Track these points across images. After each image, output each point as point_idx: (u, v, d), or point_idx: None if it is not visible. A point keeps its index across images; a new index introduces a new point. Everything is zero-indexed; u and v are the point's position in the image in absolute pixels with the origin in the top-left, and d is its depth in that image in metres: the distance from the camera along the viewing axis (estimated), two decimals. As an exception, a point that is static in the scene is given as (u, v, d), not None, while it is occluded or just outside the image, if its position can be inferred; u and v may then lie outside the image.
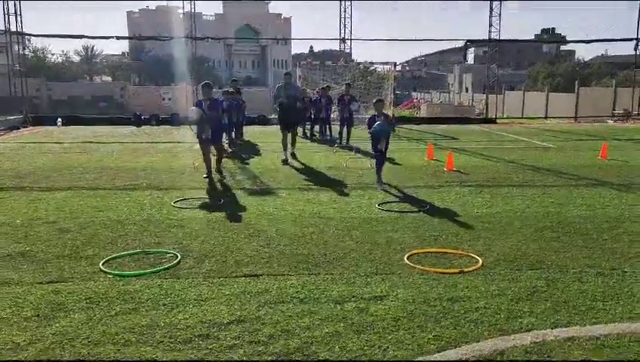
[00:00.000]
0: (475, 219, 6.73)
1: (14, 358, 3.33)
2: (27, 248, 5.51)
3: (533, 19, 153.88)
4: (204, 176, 9.43)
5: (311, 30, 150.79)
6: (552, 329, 3.75)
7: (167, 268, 4.92)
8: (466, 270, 4.87)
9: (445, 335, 3.65)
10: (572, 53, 79.70)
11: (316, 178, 9.74)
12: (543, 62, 61.55)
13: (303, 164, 11.44)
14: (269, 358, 3.34)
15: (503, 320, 3.90)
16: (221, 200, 7.77)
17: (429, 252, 5.42)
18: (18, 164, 11.28)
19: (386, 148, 9.00)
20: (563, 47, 75.64)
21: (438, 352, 3.43)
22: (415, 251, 5.40)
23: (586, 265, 5.06)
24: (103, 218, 6.78)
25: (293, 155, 11.93)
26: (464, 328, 3.76)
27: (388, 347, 3.48)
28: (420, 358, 3.35)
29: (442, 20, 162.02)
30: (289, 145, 11.87)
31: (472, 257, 5.21)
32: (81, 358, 3.34)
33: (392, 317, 3.91)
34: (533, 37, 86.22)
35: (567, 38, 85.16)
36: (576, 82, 31.83)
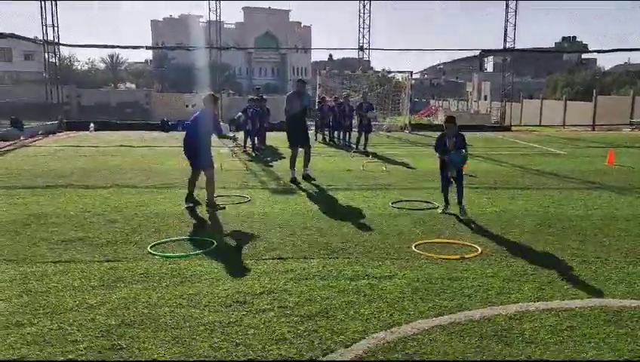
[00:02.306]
0: (479, 216, 7.39)
1: (90, 315, 4.12)
2: (83, 234, 6.36)
3: (554, 26, 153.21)
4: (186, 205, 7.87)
5: (331, 38, 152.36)
6: (534, 302, 4.42)
7: (206, 252, 5.69)
8: (465, 256, 5.56)
9: (443, 305, 4.34)
10: (594, 61, 79.33)
11: (335, 179, 10.47)
12: (561, 70, 61.58)
13: (322, 167, 12.18)
14: (295, 318, 4.07)
15: (493, 295, 4.58)
16: (249, 197, 8.55)
17: (434, 242, 6.12)
18: (61, 165, 12.26)
19: (460, 179, 7.44)
20: (584, 55, 75.41)
21: (436, 317, 4.13)
22: (422, 241, 6.10)
23: (574, 254, 5.70)
24: (144, 211, 7.61)
25: (308, 177, 10.33)
26: (459, 300, 4.45)
27: (394, 313, 4.19)
28: (420, 320, 4.06)
29: (460, 29, 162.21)
30: (298, 165, 10.32)
31: (473, 246, 5.89)
32: (143, 316, 4.11)
33: (399, 291, 4.62)
34: (553, 45, 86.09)
35: (589, 46, 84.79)
36: (594, 91, 32.16)
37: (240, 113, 15.41)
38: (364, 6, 26.11)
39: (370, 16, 26.24)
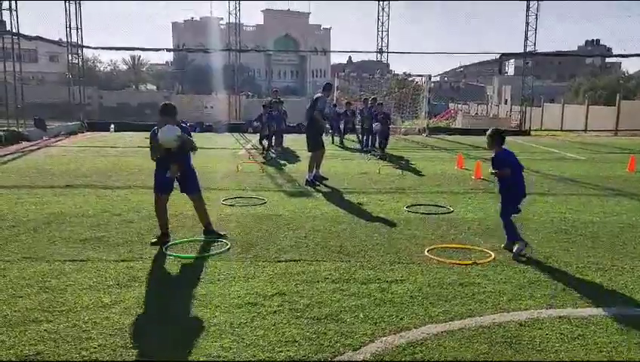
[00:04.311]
0: (494, 222, 7.30)
1: (104, 313, 4.21)
2: (101, 234, 6.48)
3: (579, 30, 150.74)
4: (152, 240, 6.10)
5: (350, 41, 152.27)
6: (546, 309, 4.39)
7: (220, 253, 5.76)
8: (478, 262, 5.53)
9: (453, 311, 4.33)
10: (618, 65, 77.88)
11: (350, 183, 10.49)
12: (584, 74, 60.62)
13: (338, 170, 12.20)
14: (305, 321, 4.10)
15: (505, 301, 4.55)
16: (265, 200, 8.61)
17: (447, 247, 6.10)
18: (81, 165, 12.51)
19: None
20: (609, 59, 74.21)
21: (446, 322, 4.12)
22: (435, 246, 6.08)
23: (590, 261, 5.63)
24: (161, 212, 7.70)
25: (321, 178, 10.50)
26: (470, 306, 4.44)
27: (403, 317, 4.20)
28: (427, 325, 4.05)
29: (480, 32, 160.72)
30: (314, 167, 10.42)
31: (486, 252, 5.86)
32: (156, 316, 4.18)
33: (409, 296, 4.63)
34: (576, 48, 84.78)
35: (613, 50, 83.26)
36: (618, 95, 31.57)
37: (256, 123, 15.47)
38: (382, 9, 26.09)
39: (388, 18, 26.20)
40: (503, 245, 6.05)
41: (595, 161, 14.68)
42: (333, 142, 18.71)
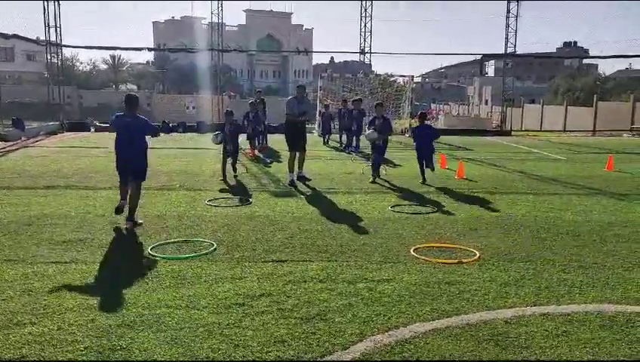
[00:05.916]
0: (478, 221, 7.43)
1: (90, 316, 4.15)
2: (84, 236, 6.40)
3: (557, 32, 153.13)
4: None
5: (332, 41, 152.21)
6: (531, 306, 4.46)
7: (206, 254, 5.73)
8: (464, 261, 5.59)
9: (440, 309, 4.38)
10: (595, 66, 79.36)
11: (335, 183, 10.51)
12: (563, 75, 61.64)
13: (323, 170, 12.22)
14: (294, 321, 4.11)
15: (490, 299, 4.61)
16: (249, 200, 8.59)
17: (433, 246, 6.16)
18: (62, 165, 12.32)
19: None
20: (586, 61, 75.61)
21: (433, 320, 4.16)
22: (421, 245, 6.14)
23: (572, 259, 5.73)
24: (145, 213, 7.64)
25: (303, 178, 10.52)
26: (457, 304, 4.49)
27: (391, 316, 4.23)
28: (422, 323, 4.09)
29: (462, 33, 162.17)
30: (296, 168, 10.41)
31: (471, 251, 5.93)
32: (143, 317, 4.15)
33: (397, 295, 4.66)
34: (555, 50, 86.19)
35: (590, 52, 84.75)
36: (595, 96, 32.21)
37: (218, 133, 11.39)
38: (365, 9, 26.20)
39: (371, 19, 26.34)
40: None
41: (575, 161, 14.95)
42: (324, 143, 18.80)
